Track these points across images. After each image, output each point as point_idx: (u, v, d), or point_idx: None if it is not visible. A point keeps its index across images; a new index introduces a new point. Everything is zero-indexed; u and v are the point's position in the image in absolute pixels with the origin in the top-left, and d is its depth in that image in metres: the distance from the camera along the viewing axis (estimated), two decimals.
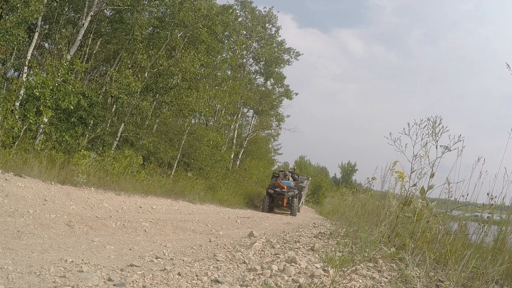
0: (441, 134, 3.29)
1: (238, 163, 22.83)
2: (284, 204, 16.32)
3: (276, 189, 16.51)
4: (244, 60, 23.40)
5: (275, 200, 16.43)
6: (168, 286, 2.47)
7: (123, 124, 11.91)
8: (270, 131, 27.86)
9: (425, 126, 3.35)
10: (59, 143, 9.78)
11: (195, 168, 15.88)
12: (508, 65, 3.18)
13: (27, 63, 10.22)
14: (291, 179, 17.69)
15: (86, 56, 12.69)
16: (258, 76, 25.14)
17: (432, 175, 3.39)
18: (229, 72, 20.37)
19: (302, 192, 19.62)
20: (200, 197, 12.31)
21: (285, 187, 16.50)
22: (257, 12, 23.30)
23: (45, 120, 9.39)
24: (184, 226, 6.67)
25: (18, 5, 8.97)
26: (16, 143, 8.61)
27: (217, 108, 18.95)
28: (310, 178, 25.10)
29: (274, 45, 23.80)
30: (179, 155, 14.74)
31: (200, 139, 15.61)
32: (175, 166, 14.76)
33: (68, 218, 5.09)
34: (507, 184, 3.07)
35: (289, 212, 16.43)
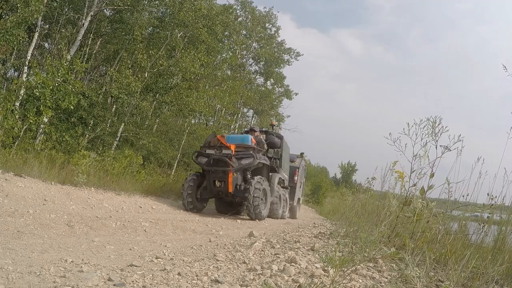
0: (440, 134, 3.30)
1: None
2: (230, 189, 7.84)
3: (209, 152, 8.01)
4: (244, 60, 23.41)
5: (210, 181, 7.97)
6: (168, 286, 2.47)
7: (123, 124, 11.92)
8: None
9: (424, 126, 3.36)
10: (59, 143, 9.79)
11: (195, 168, 15.85)
12: (505, 67, 3.19)
13: (27, 63, 10.22)
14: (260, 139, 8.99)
15: (86, 56, 12.70)
16: (258, 76, 25.17)
17: (432, 175, 3.39)
18: (229, 72, 20.37)
19: (296, 177, 11.62)
20: None
21: (233, 146, 7.93)
22: (257, 12, 23.34)
23: (45, 120, 9.39)
24: (184, 226, 6.66)
25: (18, 5, 8.98)
26: (16, 143, 8.61)
27: (217, 108, 18.95)
28: (304, 155, 14.24)
29: (274, 45, 23.82)
30: (179, 155, 14.74)
31: (200, 139, 15.59)
32: (175, 166, 14.75)
33: (68, 218, 5.09)
34: (507, 184, 3.08)
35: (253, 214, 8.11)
